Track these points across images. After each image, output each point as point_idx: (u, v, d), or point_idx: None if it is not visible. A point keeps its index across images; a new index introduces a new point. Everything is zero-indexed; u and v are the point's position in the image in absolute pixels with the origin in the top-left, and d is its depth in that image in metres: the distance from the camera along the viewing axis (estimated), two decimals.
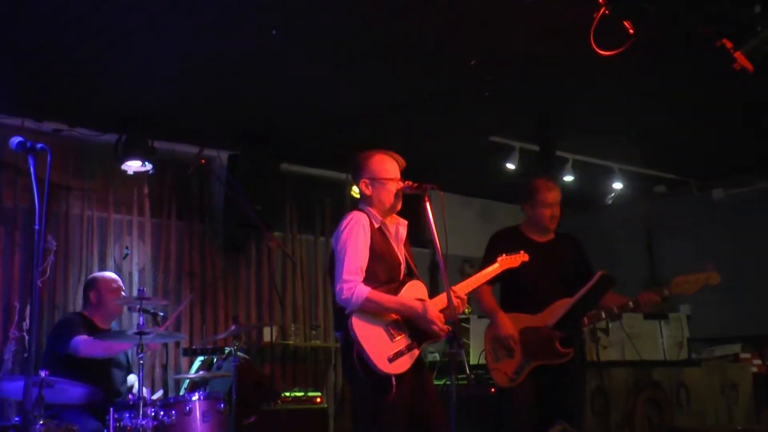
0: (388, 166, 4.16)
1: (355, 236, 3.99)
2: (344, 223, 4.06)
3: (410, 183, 4.12)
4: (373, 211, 4.14)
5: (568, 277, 4.95)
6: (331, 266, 4.09)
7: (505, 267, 4.60)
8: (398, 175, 4.18)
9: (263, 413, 6.05)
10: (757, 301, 8.68)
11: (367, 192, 4.15)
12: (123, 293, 5.79)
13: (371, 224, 4.07)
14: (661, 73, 6.18)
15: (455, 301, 3.98)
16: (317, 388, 7.65)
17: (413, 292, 4.10)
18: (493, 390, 5.64)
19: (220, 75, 6.05)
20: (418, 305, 3.98)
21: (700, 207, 9.39)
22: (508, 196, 9.06)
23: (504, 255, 4.63)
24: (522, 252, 4.69)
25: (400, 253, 4.18)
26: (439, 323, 3.94)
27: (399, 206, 4.17)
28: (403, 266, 4.18)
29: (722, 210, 9.23)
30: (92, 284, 5.80)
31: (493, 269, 4.56)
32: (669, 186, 9.46)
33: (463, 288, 4.24)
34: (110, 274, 5.93)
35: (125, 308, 6.50)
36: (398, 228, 4.23)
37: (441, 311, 4.02)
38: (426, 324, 3.95)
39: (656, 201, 9.66)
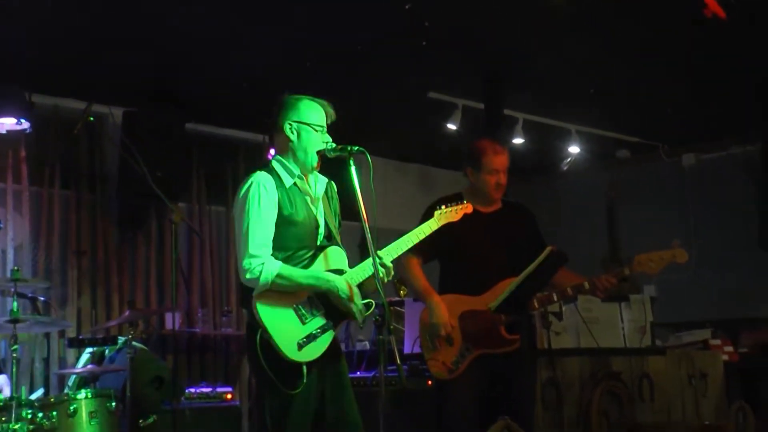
0: (316, 115, 4.15)
1: (257, 203, 3.97)
2: (244, 188, 4.03)
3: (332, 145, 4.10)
4: (288, 164, 4.12)
5: (517, 253, 4.97)
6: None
7: (444, 221, 4.50)
8: (324, 128, 4.17)
9: (163, 413, 6.01)
10: (730, 281, 8.91)
11: (292, 137, 4.12)
12: None
13: (280, 183, 4.06)
14: (624, 22, 6.24)
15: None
16: (228, 382, 7.64)
17: (330, 262, 4.10)
18: (430, 382, 5.70)
19: (112, 15, 5.92)
20: (336, 279, 3.99)
21: (668, 174, 9.58)
22: (450, 162, 9.11)
23: (443, 207, 4.55)
24: (466, 201, 4.62)
25: (318, 214, 4.16)
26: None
27: (318, 165, 4.16)
28: (320, 230, 4.16)
29: (693, 178, 9.43)
30: None
31: (429, 225, 4.44)
32: (633, 151, 9.61)
33: (391, 252, 4.16)
34: None
35: None
36: (317, 184, 4.21)
37: (365, 282, 4.04)
38: (343, 303, 3.99)
39: (619, 167, 9.81)
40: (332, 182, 4.31)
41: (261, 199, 3.98)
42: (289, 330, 3.89)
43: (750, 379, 7.55)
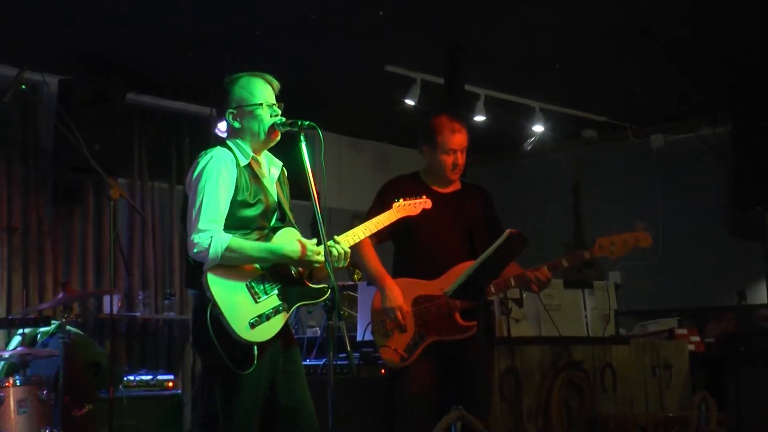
0: (257, 90, 4.14)
1: (215, 178, 3.98)
2: (202, 161, 4.03)
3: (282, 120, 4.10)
4: (243, 144, 4.13)
5: (476, 237, 4.99)
6: (185, 214, 4.06)
7: (402, 215, 4.57)
8: (272, 99, 4.16)
9: (100, 402, 5.99)
10: (697, 268, 9.02)
11: (235, 125, 4.13)
12: None
13: (237, 162, 4.06)
14: None
15: (335, 252, 3.99)
16: (170, 370, 7.62)
17: (285, 242, 4.09)
18: (383, 371, 5.71)
19: None
20: (290, 250, 4.00)
21: (636, 155, 9.66)
22: (408, 139, 9.10)
23: (401, 200, 4.61)
24: (424, 197, 4.69)
25: (272, 195, 4.18)
26: (317, 255, 4.00)
27: (275, 136, 4.15)
28: (275, 211, 4.18)
29: (661, 159, 9.52)
30: None
31: (387, 216, 4.51)
32: (600, 130, 9.68)
33: (348, 238, 4.19)
34: None
35: None
36: (270, 167, 4.23)
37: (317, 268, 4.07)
38: (306, 264, 4.01)
39: (585, 148, 9.88)
40: (284, 168, 4.31)
41: (220, 174, 3.99)
42: (241, 307, 3.89)
43: (715, 370, 7.65)
